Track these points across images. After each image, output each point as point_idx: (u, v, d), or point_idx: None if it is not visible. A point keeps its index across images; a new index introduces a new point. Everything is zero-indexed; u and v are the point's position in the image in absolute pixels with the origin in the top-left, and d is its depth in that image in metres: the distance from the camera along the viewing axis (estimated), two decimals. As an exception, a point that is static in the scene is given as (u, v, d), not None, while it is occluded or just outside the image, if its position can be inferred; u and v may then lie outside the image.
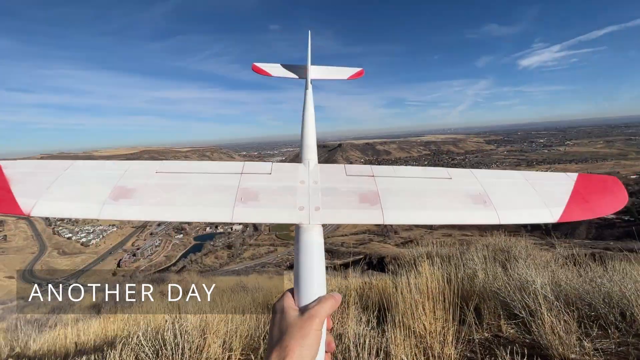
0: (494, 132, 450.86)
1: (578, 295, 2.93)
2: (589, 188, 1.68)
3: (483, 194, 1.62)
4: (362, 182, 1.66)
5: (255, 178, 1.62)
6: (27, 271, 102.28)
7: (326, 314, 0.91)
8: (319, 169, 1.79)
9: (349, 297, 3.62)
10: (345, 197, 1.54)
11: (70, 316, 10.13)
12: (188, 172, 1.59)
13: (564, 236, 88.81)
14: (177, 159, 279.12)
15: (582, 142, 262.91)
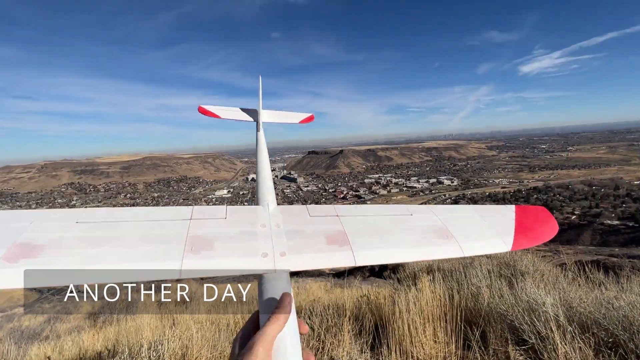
0: (496, 138, 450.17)
1: (593, 319, 2.66)
2: (528, 218, 1.82)
3: (444, 228, 1.65)
4: (327, 223, 1.58)
5: (208, 224, 1.42)
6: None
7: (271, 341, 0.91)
8: (279, 210, 1.70)
9: (343, 317, 3.37)
10: (312, 239, 1.44)
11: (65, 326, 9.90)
12: (120, 221, 1.31)
13: (568, 243, 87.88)
14: (179, 165, 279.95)
15: (584, 148, 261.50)
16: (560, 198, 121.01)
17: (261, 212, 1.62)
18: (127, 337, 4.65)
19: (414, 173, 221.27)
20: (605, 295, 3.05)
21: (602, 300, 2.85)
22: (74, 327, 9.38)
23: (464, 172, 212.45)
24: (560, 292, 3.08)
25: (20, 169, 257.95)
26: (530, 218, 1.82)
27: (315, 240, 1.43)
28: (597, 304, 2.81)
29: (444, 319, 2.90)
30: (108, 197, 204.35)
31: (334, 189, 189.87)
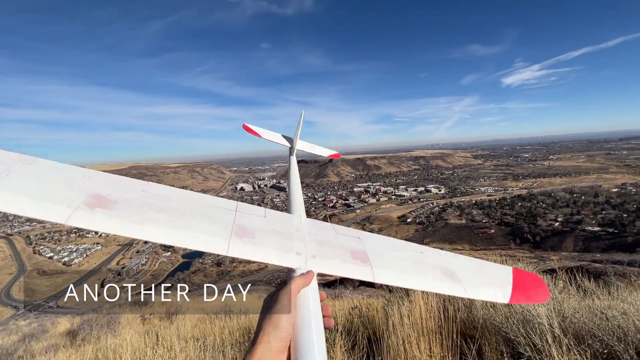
0: (481, 147, 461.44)
1: (588, 329, 2.63)
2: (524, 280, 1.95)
3: (451, 270, 1.80)
4: (351, 241, 1.73)
5: (250, 218, 1.59)
6: (4, 293, 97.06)
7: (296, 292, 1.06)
8: (310, 222, 1.86)
9: (335, 332, 3.26)
10: (339, 250, 1.60)
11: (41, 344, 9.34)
12: (176, 198, 1.48)
13: (552, 249, 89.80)
14: (166, 174, 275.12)
15: (564, 157, 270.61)
16: (544, 205, 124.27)
17: (295, 220, 1.79)
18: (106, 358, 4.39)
19: (403, 182, 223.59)
20: (596, 304, 3.05)
21: (595, 310, 2.84)
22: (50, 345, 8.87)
23: (451, 180, 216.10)
24: (553, 302, 3.05)
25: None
26: (526, 280, 1.93)
27: (342, 252, 1.58)
28: (590, 314, 2.79)
29: (438, 333, 2.83)
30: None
31: (324, 197, 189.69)
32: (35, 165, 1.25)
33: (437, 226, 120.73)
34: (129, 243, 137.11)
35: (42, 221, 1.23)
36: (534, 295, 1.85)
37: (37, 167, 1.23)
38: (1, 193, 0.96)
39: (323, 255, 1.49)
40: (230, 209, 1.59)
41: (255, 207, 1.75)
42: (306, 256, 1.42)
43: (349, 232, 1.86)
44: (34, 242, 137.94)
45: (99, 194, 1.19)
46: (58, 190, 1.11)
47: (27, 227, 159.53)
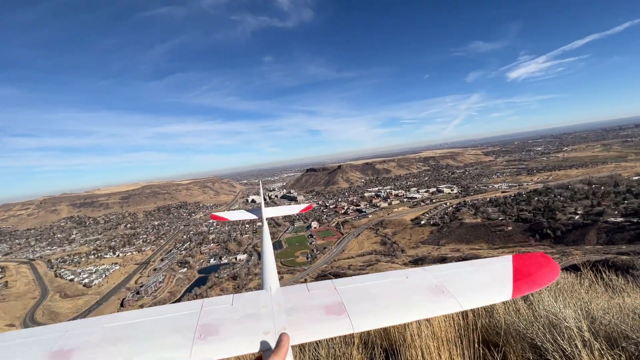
0: (491, 144, 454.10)
1: (620, 331, 2.44)
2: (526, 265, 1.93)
3: (439, 285, 1.77)
4: (325, 296, 1.73)
5: (216, 311, 1.62)
6: (29, 317, 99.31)
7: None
8: (281, 291, 1.88)
9: (352, 346, 3.14)
10: (311, 312, 1.58)
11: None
12: (141, 320, 1.52)
13: (574, 243, 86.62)
14: (178, 191, 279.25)
15: (579, 148, 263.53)
16: (562, 198, 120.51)
17: (264, 295, 1.81)
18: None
19: (413, 183, 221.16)
20: (627, 303, 2.85)
21: (626, 310, 2.65)
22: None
23: (463, 179, 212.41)
24: (579, 302, 2.87)
25: (19, 206, 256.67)
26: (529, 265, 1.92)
27: (315, 313, 1.57)
28: (621, 314, 2.61)
29: (459, 342, 2.69)
30: (108, 228, 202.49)
31: (335, 204, 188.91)
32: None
33: (452, 226, 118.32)
34: (145, 261, 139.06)
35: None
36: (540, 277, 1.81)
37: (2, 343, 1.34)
38: None
39: (294, 325, 1.48)
40: (194, 310, 1.63)
41: (222, 298, 1.79)
42: (275, 332, 1.42)
43: (323, 285, 1.83)
44: (55, 265, 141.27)
45: (57, 350, 1.25)
46: None
47: (48, 252, 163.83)
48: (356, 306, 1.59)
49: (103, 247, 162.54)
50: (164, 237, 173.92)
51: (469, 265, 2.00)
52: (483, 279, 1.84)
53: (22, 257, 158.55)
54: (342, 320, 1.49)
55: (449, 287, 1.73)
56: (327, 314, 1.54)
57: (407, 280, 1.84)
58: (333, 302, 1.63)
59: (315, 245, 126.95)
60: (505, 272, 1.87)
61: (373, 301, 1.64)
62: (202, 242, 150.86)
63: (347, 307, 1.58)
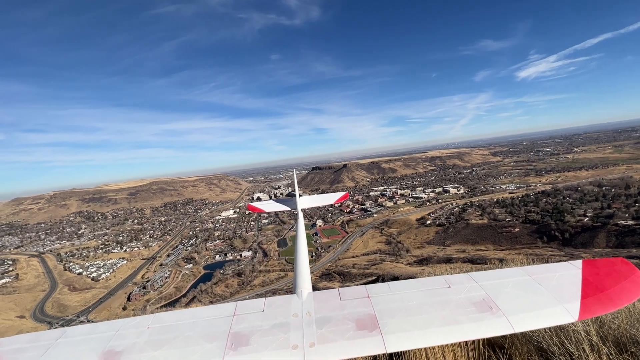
0: (499, 144, 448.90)
1: (630, 336, 2.42)
2: (599, 274, 1.57)
3: (487, 299, 1.53)
4: (357, 306, 1.62)
5: (247, 318, 1.61)
6: (39, 310, 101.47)
7: None
8: (312, 297, 1.78)
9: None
10: (341, 325, 1.48)
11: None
12: (179, 322, 1.59)
13: (582, 246, 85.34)
14: (185, 188, 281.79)
15: (589, 149, 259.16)
16: (570, 200, 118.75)
17: (295, 302, 1.75)
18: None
19: (419, 183, 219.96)
20: (637, 307, 2.83)
21: (636, 314, 2.63)
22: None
23: (470, 179, 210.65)
24: (587, 306, 2.86)
25: (30, 201, 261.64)
26: (603, 275, 1.55)
27: (345, 327, 1.48)
28: (631, 319, 2.59)
29: (464, 342, 2.69)
30: (116, 223, 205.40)
31: (340, 203, 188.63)
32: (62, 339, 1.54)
33: (458, 227, 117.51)
34: (152, 257, 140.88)
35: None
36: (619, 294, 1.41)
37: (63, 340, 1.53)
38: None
39: (322, 340, 1.41)
40: (228, 313, 1.65)
41: (254, 302, 1.74)
42: (304, 347, 1.37)
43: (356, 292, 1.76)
44: (64, 259, 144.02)
45: (109, 349, 1.39)
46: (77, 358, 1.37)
47: (58, 245, 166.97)
48: (390, 321, 1.47)
49: (111, 241, 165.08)
50: (170, 233, 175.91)
51: (524, 273, 1.66)
52: (541, 292, 1.54)
53: (33, 250, 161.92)
54: (373, 338, 1.39)
55: (499, 302, 1.50)
56: (358, 329, 1.44)
57: (449, 291, 1.63)
58: (365, 315, 1.52)
59: (320, 244, 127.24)
60: (571, 283, 1.55)
61: (409, 316, 1.48)
62: (207, 239, 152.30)
63: (380, 321, 1.46)
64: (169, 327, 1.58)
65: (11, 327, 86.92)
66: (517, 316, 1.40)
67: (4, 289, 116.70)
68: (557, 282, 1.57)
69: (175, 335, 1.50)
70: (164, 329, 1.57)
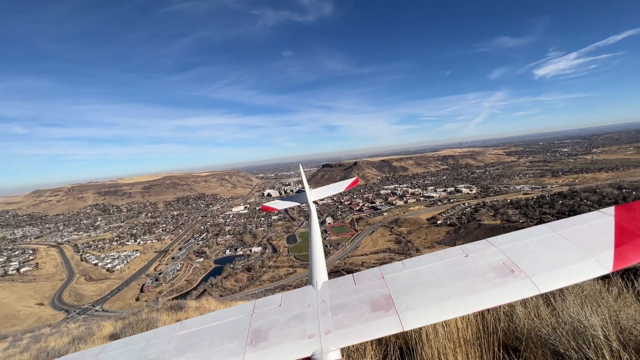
0: (514, 144, 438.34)
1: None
2: (635, 218, 1.40)
3: (508, 262, 1.43)
4: (372, 288, 1.60)
5: (266, 314, 1.65)
6: (57, 298, 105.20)
7: None
8: (327, 285, 1.79)
9: (366, 342, 3.14)
10: (357, 309, 1.48)
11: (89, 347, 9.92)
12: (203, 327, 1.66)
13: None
14: (197, 183, 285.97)
15: (610, 150, 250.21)
16: (588, 203, 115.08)
17: (310, 292, 1.77)
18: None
19: (431, 182, 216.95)
20: (661, 314, 2.69)
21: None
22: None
23: (483, 179, 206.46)
24: (608, 310, 2.74)
25: (49, 193, 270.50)
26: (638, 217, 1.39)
27: (360, 310, 1.48)
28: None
29: (477, 344, 2.62)
30: (130, 216, 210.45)
31: (350, 201, 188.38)
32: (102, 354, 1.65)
33: (470, 227, 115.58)
34: (164, 250, 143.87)
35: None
36: None
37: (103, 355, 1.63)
38: None
39: (339, 326, 1.42)
40: (247, 312, 1.69)
41: (272, 298, 1.79)
42: (320, 335, 1.39)
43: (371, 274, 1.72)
44: (81, 250, 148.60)
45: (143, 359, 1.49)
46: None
47: (75, 236, 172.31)
48: (406, 298, 1.42)
49: (125, 234, 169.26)
50: (183, 227, 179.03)
51: (548, 230, 1.60)
52: (568, 247, 1.41)
53: (52, 241, 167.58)
54: (389, 317, 1.36)
55: (521, 264, 1.41)
56: (373, 310, 1.42)
57: (467, 260, 1.55)
58: (380, 296, 1.49)
59: (329, 241, 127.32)
60: (602, 233, 1.41)
61: (426, 290, 1.42)
62: (218, 234, 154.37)
63: (395, 300, 1.43)
64: (194, 332, 1.63)
65: (31, 313, 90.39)
66: (541, 276, 1.31)
67: (24, 277, 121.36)
68: (586, 234, 1.44)
69: (199, 339, 1.56)
70: (189, 334, 1.63)
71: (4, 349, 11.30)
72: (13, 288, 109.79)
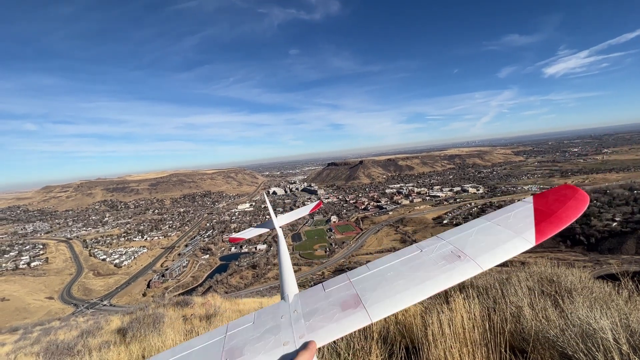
0: (522, 143, 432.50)
1: None
2: (548, 202, 1.76)
3: (455, 250, 1.66)
4: (340, 291, 1.68)
5: (239, 334, 1.65)
6: (66, 292, 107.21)
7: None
8: (298, 297, 1.85)
9: (371, 340, 3.14)
10: (328, 312, 1.56)
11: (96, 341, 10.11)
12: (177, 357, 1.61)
13: (610, 252, 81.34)
14: (203, 180, 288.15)
15: (621, 150, 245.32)
16: (598, 204, 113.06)
17: (282, 306, 1.80)
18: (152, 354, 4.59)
19: (437, 182, 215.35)
20: (673, 318, 2.64)
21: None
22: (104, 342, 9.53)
23: (490, 179, 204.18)
24: (618, 313, 2.69)
25: (59, 189, 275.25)
26: (552, 202, 1.73)
27: (332, 312, 1.55)
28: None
29: (484, 345, 2.60)
30: (137, 213, 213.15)
31: (355, 200, 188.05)
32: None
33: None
34: (171, 246, 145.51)
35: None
36: (565, 213, 1.62)
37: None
38: None
39: (311, 329, 1.48)
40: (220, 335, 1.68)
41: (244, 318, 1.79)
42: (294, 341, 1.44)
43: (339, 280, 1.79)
44: (89, 245, 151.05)
45: None
46: None
47: (84, 232, 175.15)
48: (371, 294, 1.54)
49: (133, 230, 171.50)
50: (189, 224, 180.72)
51: (485, 220, 1.87)
52: (500, 231, 1.69)
53: (61, 236, 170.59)
54: (358, 313, 1.45)
55: (466, 250, 1.63)
56: (343, 309, 1.51)
57: (422, 254, 1.75)
58: (348, 296, 1.59)
59: (334, 240, 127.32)
60: (525, 217, 1.72)
61: (389, 285, 1.58)
62: (224, 231, 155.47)
63: (363, 297, 1.53)
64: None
65: (41, 307, 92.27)
66: (482, 257, 1.55)
67: (35, 271, 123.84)
68: (514, 219, 1.73)
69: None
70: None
71: (15, 341, 11.58)
72: (24, 282, 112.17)
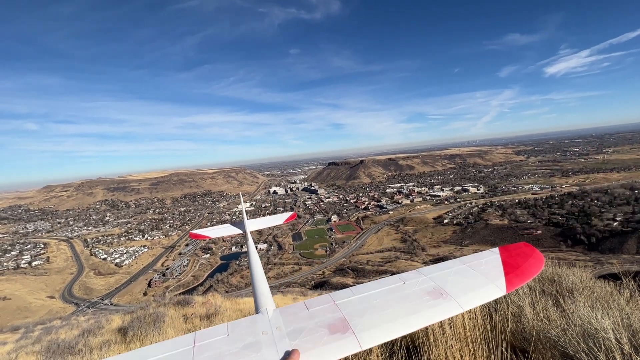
0: (523, 143, 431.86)
1: None
2: (513, 256, 1.95)
3: (437, 288, 1.75)
4: (326, 313, 1.65)
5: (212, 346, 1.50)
6: (67, 291, 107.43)
7: None
8: (279, 312, 1.76)
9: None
10: (315, 333, 1.50)
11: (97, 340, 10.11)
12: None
13: (610, 251, 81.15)
14: (204, 180, 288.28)
15: (622, 149, 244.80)
16: (599, 203, 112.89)
17: (261, 320, 1.70)
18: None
19: (438, 181, 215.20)
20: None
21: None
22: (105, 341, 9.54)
23: (491, 178, 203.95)
24: (619, 313, 2.68)
25: (60, 188, 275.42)
26: (515, 256, 1.93)
27: (319, 334, 1.50)
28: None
29: (485, 345, 2.60)
30: (138, 212, 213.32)
31: (355, 199, 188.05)
32: None
33: (477, 227, 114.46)
34: (172, 246, 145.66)
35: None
36: (528, 269, 1.80)
37: None
38: None
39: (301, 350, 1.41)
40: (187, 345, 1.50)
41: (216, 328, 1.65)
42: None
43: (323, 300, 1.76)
44: (90, 244, 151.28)
45: None
46: None
47: (85, 231, 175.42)
48: (360, 320, 1.52)
49: (133, 230, 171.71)
50: (189, 223, 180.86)
51: (460, 263, 2.02)
52: (476, 276, 1.83)
53: (62, 235, 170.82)
54: (348, 338, 1.43)
55: (447, 289, 1.71)
56: (331, 333, 1.47)
57: (405, 286, 1.80)
58: (335, 319, 1.56)
59: (335, 239, 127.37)
60: (495, 266, 1.86)
61: (376, 313, 1.58)
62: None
63: (351, 322, 1.51)
64: None
65: (42, 306, 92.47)
66: (463, 297, 1.63)
67: (36, 270, 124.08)
68: (486, 266, 1.87)
69: None
70: None
71: (17, 340, 11.59)
72: (25, 281, 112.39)
